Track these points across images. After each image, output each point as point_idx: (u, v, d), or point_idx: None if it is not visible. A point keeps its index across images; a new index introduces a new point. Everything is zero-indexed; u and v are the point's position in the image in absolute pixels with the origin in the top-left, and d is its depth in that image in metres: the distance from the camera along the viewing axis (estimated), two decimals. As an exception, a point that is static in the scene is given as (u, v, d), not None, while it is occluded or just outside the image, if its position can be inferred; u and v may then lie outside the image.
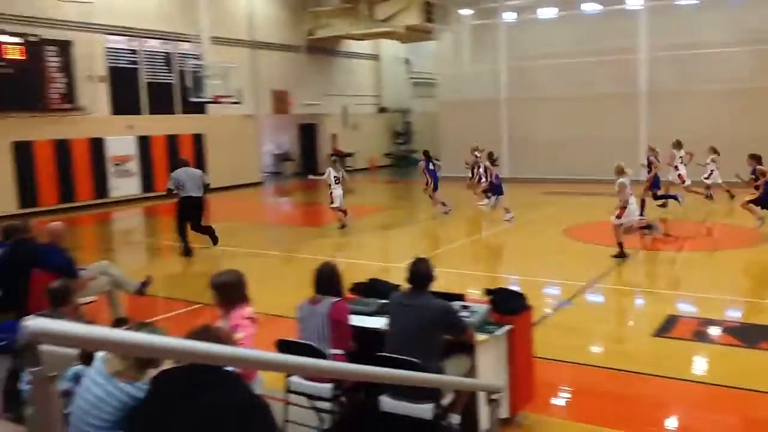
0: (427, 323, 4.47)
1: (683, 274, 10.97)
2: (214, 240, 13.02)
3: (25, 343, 1.42)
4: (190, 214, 12.54)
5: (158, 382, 3.03)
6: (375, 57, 32.76)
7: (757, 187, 12.79)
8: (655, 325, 7.60)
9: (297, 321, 4.91)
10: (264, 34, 26.39)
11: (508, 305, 5.10)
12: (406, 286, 4.75)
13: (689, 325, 7.81)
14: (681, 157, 16.18)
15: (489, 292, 5.25)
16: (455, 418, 4.57)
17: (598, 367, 6.62)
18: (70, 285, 5.06)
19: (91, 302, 7.66)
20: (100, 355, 3.31)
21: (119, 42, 21.21)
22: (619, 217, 10.98)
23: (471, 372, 4.68)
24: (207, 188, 12.81)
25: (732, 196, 16.34)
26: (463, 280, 10.00)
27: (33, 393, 1.49)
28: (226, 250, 13.16)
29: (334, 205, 14.98)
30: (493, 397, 4.23)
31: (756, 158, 13.13)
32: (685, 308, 8.74)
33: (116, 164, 21.12)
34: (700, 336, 7.41)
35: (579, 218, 15.50)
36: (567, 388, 6.18)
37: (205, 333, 3.10)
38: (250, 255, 12.45)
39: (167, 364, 3.16)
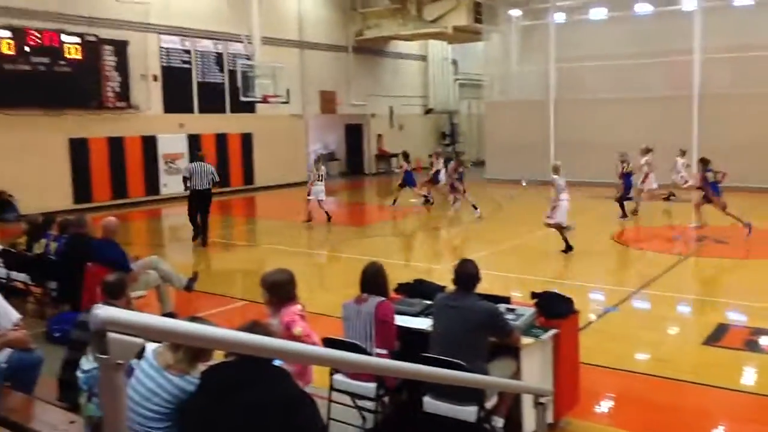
0: (472, 325, 4.46)
1: (734, 282, 10.70)
2: (204, 240, 13.51)
3: (94, 331, 1.50)
4: (198, 205, 13.57)
5: (208, 377, 3.12)
6: (422, 58, 32.74)
7: (701, 188, 13.11)
8: (704, 334, 7.45)
9: (342, 320, 4.97)
10: (313, 35, 26.62)
11: (554, 309, 5.06)
12: (451, 287, 4.76)
13: (740, 334, 7.64)
14: (649, 163, 16.07)
15: (535, 295, 5.22)
16: (499, 422, 4.57)
17: (644, 374, 6.50)
18: (124, 278, 5.18)
19: (141, 297, 7.85)
20: (151, 348, 3.39)
21: (173, 42, 21.67)
22: (550, 216, 11.64)
23: (516, 375, 4.66)
24: (215, 184, 13.76)
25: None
26: (508, 282, 9.95)
27: (101, 379, 1.57)
28: (270, 248, 13.35)
29: (309, 197, 15.94)
30: (541, 400, 4.21)
31: (705, 162, 13.22)
32: (735, 317, 8.55)
33: (167, 162, 21.56)
34: (751, 345, 7.24)
35: (627, 223, 15.26)
36: (612, 395, 6.10)
37: (255, 328, 3.17)
38: (295, 254, 12.58)
39: (217, 359, 3.24)
